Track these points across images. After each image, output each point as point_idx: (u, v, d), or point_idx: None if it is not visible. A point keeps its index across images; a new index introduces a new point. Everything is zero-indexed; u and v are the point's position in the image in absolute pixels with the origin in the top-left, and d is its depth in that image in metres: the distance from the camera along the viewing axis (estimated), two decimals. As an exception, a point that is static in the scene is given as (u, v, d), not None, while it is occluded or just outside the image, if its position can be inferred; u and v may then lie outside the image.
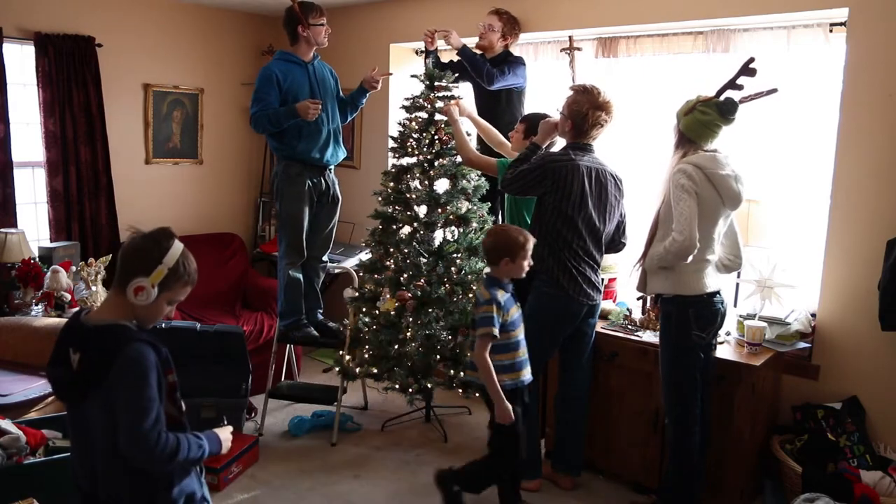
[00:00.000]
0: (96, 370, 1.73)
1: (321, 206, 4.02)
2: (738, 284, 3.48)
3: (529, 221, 3.45)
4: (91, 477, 1.84)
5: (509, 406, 2.83)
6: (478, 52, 4.10)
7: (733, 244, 2.97)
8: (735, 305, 3.49)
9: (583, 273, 3.11)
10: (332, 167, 4.02)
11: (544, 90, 4.35)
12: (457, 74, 3.96)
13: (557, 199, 3.05)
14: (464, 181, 3.79)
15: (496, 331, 2.79)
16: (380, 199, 3.90)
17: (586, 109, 3.06)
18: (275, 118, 3.73)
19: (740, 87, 2.76)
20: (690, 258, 2.71)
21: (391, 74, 3.87)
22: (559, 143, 3.34)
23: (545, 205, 3.10)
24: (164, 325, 3.61)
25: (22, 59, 4.50)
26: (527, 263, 2.88)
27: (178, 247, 1.83)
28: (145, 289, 1.77)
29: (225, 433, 1.96)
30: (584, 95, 3.08)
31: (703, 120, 2.77)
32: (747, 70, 2.73)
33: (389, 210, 3.88)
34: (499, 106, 4.03)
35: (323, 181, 3.96)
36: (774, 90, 2.82)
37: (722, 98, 2.77)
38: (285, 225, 3.96)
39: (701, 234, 2.71)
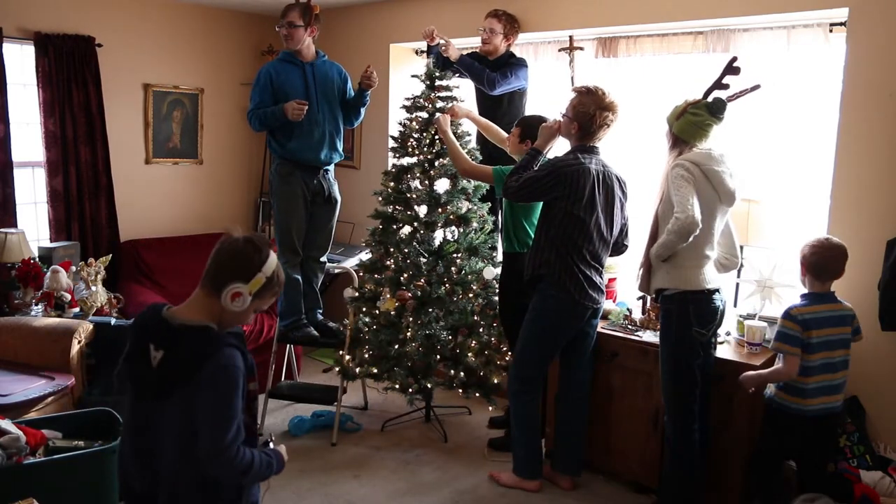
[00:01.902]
0: (185, 371, 1.68)
1: (316, 206, 4.02)
2: (738, 284, 3.48)
3: (527, 226, 3.45)
4: (151, 478, 1.78)
5: None
6: (483, 54, 4.10)
7: (730, 243, 2.99)
8: (735, 305, 3.48)
9: (589, 277, 3.12)
10: (328, 168, 4.02)
11: (544, 90, 4.34)
12: (457, 74, 3.96)
13: (569, 204, 3.04)
14: (464, 181, 3.79)
15: None
16: (380, 198, 3.91)
17: (593, 111, 3.05)
18: (264, 117, 3.80)
19: (726, 87, 2.81)
20: (692, 237, 2.71)
21: (370, 66, 3.91)
22: (564, 145, 3.32)
23: (555, 209, 3.09)
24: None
25: (22, 59, 4.50)
26: None
27: (273, 256, 1.80)
28: (242, 295, 1.74)
29: (283, 451, 1.95)
30: (589, 97, 3.07)
31: (695, 121, 2.80)
32: (731, 69, 2.78)
33: (390, 210, 3.88)
34: (500, 107, 4.03)
35: (317, 181, 3.96)
36: (758, 86, 2.85)
37: (710, 98, 2.81)
38: (277, 223, 4.00)
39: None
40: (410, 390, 3.73)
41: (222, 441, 1.67)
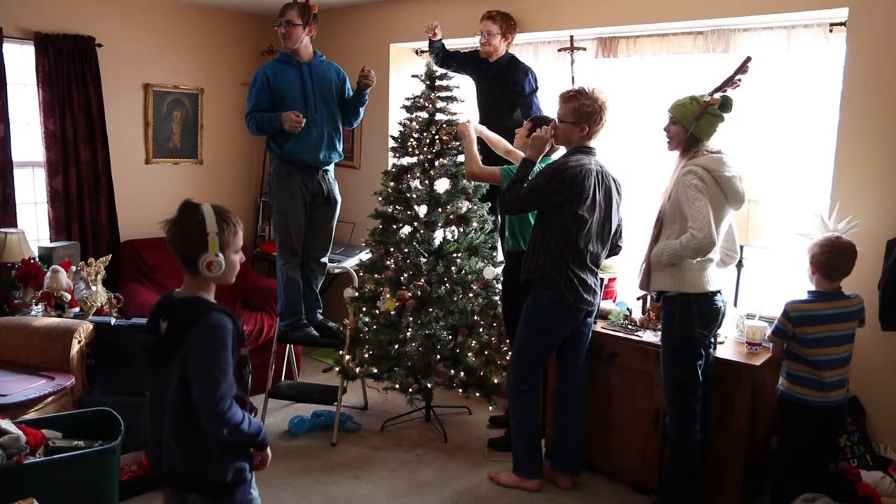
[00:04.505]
0: (178, 333, 1.85)
1: (315, 207, 4.02)
2: (738, 283, 3.48)
3: (533, 222, 3.44)
4: (156, 444, 1.95)
5: None
6: (484, 56, 4.10)
7: (730, 239, 2.99)
8: (735, 305, 3.48)
9: (584, 281, 3.12)
10: (327, 169, 4.02)
11: (544, 91, 4.33)
12: (456, 72, 3.97)
13: (574, 205, 3.03)
14: (464, 181, 3.79)
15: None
16: (380, 198, 3.91)
17: (596, 107, 3.05)
18: (261, 123, 3.80)
19: (738, 85, 2.77)
20: (710, 256, 2.73)
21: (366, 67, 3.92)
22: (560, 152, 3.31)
23: (553, 213, 3.07)
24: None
25: (22, 59, 4.50)
26: None
27: (208, 210, 1.92)
28: (214, 261, 1.88)
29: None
30: (585, 97, 3.07)
31: (716, 122, 2.79)
32: (744, 69, 2.75)
33: (390, 210, 3.88)
34: (503, 109, 4.02)
35: (317, 182, 3.96)
36: (749, 59, 2.78)
37: (719, 95, 2.78)
38: (276, 224, 4.00)
39: None
40: (410, 390, 3.73)
41: (215, 394, 1.80)
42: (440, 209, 3.77)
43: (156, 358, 1.93)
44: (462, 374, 3.75)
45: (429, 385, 3.78)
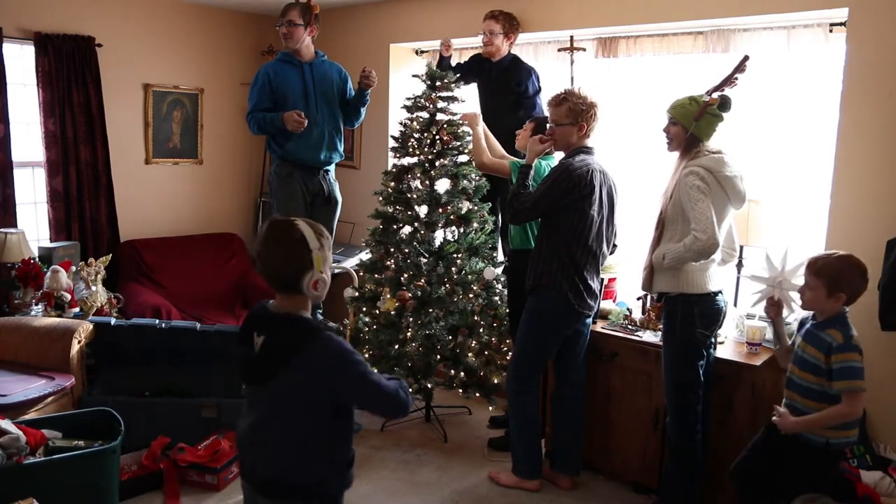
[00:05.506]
0: (279, 355, 1.78)
1: (316, 207, 4.01)
2: (738, 283, 3.48)
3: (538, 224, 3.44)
4: (258, 452, 1.87)
5: None
6: (486, 56, 4.10)
7: (729, 238, 2.99)
8: (735, 305, 3.48)
9: (588, 286, 3.13)
10: (328, 169, 4.02)
11: (544, 91, 4.34)
12: (462, 81, 3.97)
13: (586, 206, 3.04)
14: (465, 181, 3.79)
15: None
16: (380, 198, 3.91)
17: (587, 105, 3.07)
18: (263, 122, 3.80)
19: (736, 84, 2.78)
20: (712, 256, 2.72)
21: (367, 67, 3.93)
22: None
23: (561, 216, 3.07)
24: (164, 326, 3.62)
25: (22, 59, 4.50)
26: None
27: (305, 227, 1.82)
28: (321, 280, 1.81)
29: None
30: (575, 97, 3.08)
31: (715, 122, 2.79)
32: (742, 68, 2.76)
33: (390, 210, 3.88)
34: (506, 108, 4.02)
35: (317, 182, 3.96)
36: (746, 57, 2.79)
37: (717, 95, 2.79)
38: None
39: None
40: (410, 390, 3.72)
41: (387, 397, 1.82)
42: (441, 209, 3.77)
43: (250, 374, 1.86)
44: (462, 374, 3.75)
45: (429, 385, 3.78)
